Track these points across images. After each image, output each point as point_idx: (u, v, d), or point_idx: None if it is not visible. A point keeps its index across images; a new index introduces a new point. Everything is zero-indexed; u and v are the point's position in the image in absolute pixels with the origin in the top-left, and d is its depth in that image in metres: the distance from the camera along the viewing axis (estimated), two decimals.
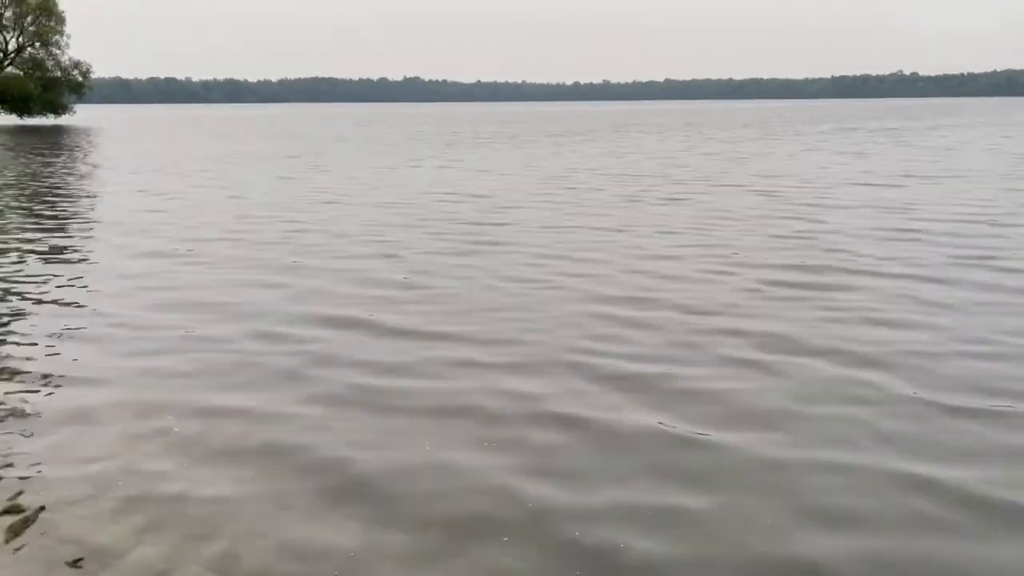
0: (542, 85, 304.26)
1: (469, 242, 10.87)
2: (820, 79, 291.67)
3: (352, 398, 5.27)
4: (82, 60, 68.77)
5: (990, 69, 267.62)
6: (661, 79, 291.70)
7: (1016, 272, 8.59)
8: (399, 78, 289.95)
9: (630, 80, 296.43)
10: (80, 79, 68.37)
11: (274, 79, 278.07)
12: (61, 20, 66.46)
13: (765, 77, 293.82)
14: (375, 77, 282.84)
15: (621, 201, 15.11)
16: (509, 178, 19.82)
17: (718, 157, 26.33)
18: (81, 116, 72.99)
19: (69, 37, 67.72)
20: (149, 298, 7.90)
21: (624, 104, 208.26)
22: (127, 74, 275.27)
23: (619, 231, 11.67)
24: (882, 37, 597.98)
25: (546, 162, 24.84)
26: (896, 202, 14.27)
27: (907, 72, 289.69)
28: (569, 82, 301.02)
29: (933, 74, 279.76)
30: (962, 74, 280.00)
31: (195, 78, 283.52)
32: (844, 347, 6.13)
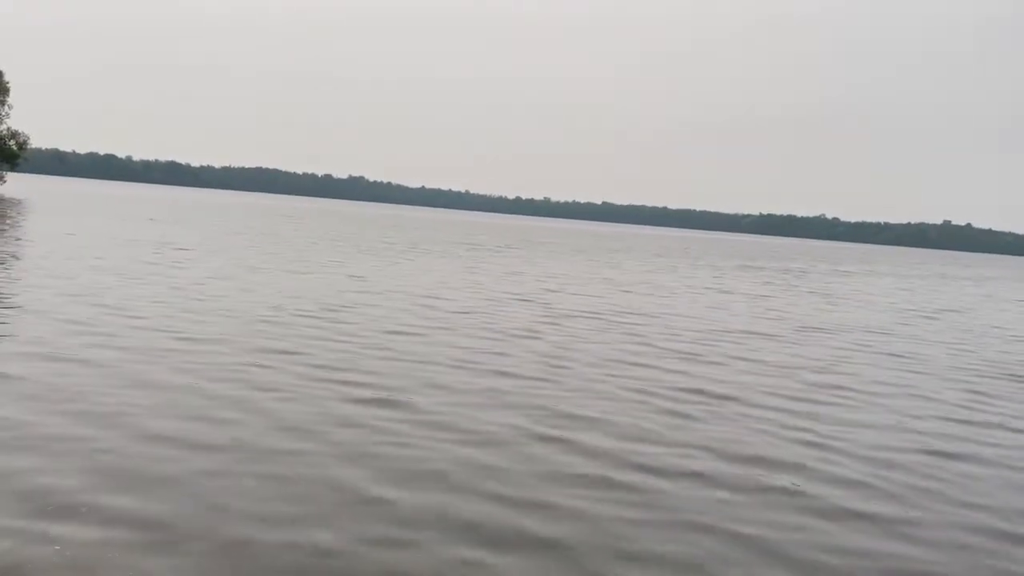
0: (484, 196, 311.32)
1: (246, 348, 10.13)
2: (749, 215, 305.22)
3: None
4: (20, 131, 67.05)
5: (904, 220, 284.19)
6: (599, 201, 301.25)
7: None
8: (343, 176, 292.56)
9: (570, 200, 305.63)
10: (16, 149, 66.57)
11: (217, 165, 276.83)
12: (5, 91, 65.14)
13: (697, 208, 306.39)
14: (320, 173, 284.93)
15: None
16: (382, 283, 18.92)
17: (617, 285, 26.01)
18: (9, 187, 71.27)
19: (11, 107, 66.21)
20: None
21: (560, 222, 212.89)
22: (66, 146, 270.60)
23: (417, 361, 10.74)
24: (808, 182, 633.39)
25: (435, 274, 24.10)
26: (764, 353, 13.80)
27: (829, 216, 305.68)
28: (511, 196, 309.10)
29: (852, 220, 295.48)
30: (878, 223, 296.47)
31: (136, 156, 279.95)
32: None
